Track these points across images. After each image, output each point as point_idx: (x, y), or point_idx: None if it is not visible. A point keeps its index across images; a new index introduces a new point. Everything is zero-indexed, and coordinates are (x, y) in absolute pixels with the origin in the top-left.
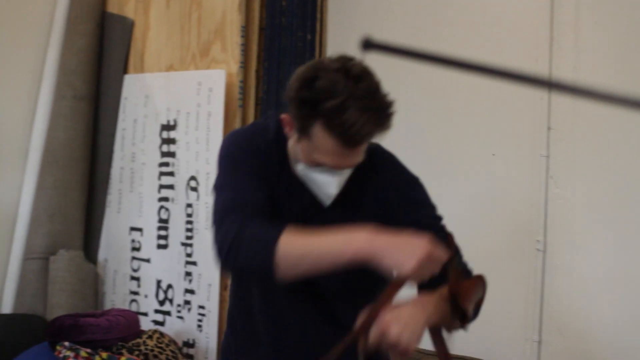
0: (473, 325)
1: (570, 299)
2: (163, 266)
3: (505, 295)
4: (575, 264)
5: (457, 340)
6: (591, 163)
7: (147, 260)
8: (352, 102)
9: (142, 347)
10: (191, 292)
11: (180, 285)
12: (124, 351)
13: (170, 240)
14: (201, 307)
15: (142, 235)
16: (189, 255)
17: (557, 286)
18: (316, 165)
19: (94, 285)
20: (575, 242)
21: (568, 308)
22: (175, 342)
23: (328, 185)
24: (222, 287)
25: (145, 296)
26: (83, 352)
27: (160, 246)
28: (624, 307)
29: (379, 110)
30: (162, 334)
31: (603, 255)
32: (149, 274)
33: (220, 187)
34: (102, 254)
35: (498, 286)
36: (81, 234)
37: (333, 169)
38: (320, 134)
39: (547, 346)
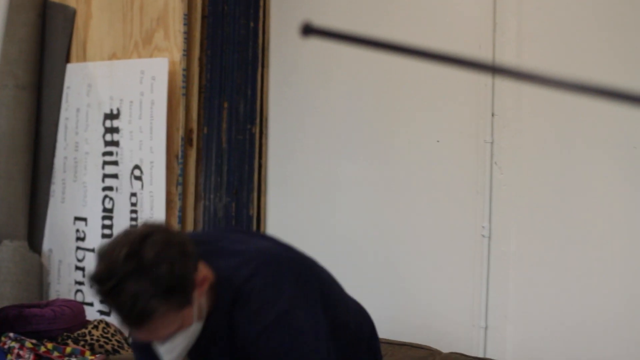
0: (420, 313)
1: (516, 284)
2: None
3: (451, 281)
4: (520, 249)
5: (404, 328)
6: (535, 149)
7: (92, 250)
8: (123, 287)
9: (88, 337)
10: None
11: None
12: (69, 341)
13: (115, 230)
14: None
15: (86, 225)
16: None
17: (502, 272)
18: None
19: (39, 275)
20: (520, 228)
21: (514, 294)
22: (121, 332)
23: (160, 355)
24: None
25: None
26: (28, 343)
27: (105, 235)
28: (569, 292)
29: (148, 294)
30: (107, 324)
31: (548, 240)
32: (94, 264)
33: None
34: (46, 244)
35: (444, 273)
36: (25, 224)
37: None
38: None
39: (494, 332)
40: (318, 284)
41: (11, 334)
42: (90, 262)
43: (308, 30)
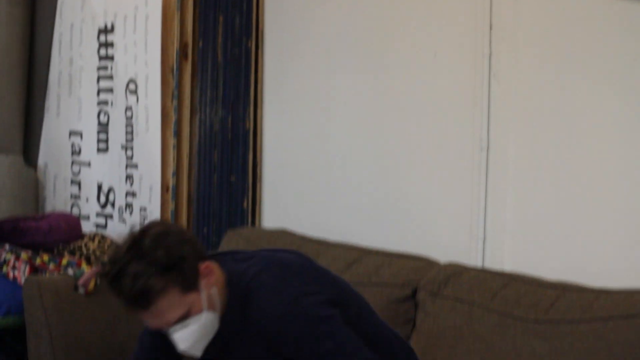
0: (418, 224)
1: (514, 196)
2: (103, 170)
3: (450, 193)
4: (518, 161)
5: (402, 239)
6: (534, 61)
7: (88, 164)
8: (125, 271)
9: (84, 249)
10: (132, 194)
11: (121, 188)
12: (65, 253)
13: (110, 144)
14: (143, 209)
15: (81, 139)
16: (129, 158)
17: (500, 183)
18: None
19: (35, 189)
20: (518, 140)
21: (512, 205)
22: (117, 244)
23: (175, 343)
24: (164, 189)
25: (87, 200)
26: (24, 255)
27: (100, 150)
28: (567, 203)
29: (147, 272)
30: (103, 237)
31: (546, 152)
32: (89, 178)
33: None
34: (42, 159)
35: (442, 185)
36: (20, 138)
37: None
38: None
39: (492, 243)
40: (335, 290)
41: (7, 246)
42: (86, 176)
43: None
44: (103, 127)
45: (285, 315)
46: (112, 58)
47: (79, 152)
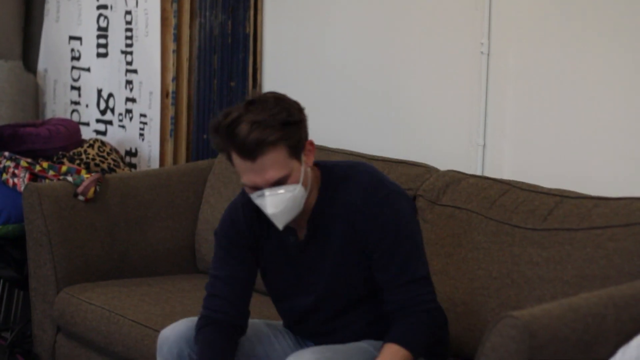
0: (417, 131)
1: (514, 102)
2: (103, 75)
3: (449, 99)
4: (519, 66)
5: (401, 145)
6: None
7: (87, 70)
8: (243, 119)
9: (84, 156)
10: (132, 100)
11: (121, 93)
12: (64, 160)
13: (110, 49)
14: (143, 115)
15: (81, 44)
16: (129, 63)
17: (501, 89)
18: (250, 189)
19: (34, 95)
20: (519, 45)
21: (512, 111)
22: (117, 151)
23: (264, 206)
24: (164, 94)
25: (87, 106)
26: (23, 162)
27: (100, 55)
28: (568, 109)
29: (265, 123)
30: (103, 143)
31: (547, 58)
32: (89, 83)
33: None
34: (41, 64)
35: (442, 91)
36: (20, 44)
37: (259, 188)
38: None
39: (492, 150)
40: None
41: (6, 153)
42: (86, 82)
43: None
44: (103, 32)
45: (379, 199)
46: None
47: (79, 58)
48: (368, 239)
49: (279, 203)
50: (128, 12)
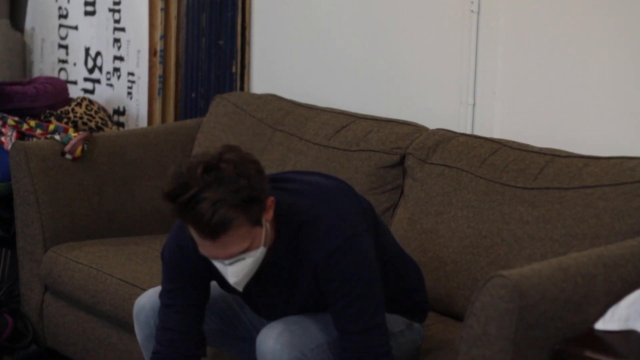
0: (407, 90)
1: (504, 60)
2: (91, 33)
3: (439, 58)
4: (509, 25)
5: (390, 104)
6: None
7: (75, 28)
8: (203, 196)
9: (71, 115)
10: (120, 59)
11: (109, 52)
12: (52, 119)
13: (98, 7)
14: (131, 74)
15: (69, 2)
16: (117, 21)
17: (491, 48)
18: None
19: (22, 54)
20: (510, 3)
21: (502, 70)
22: (104, 110)
23: (225, 274)
24: (152, 52)
25: (74, 64)
26: (11, 121)
27: (87, 13)
28: (558, 68)
29: (228, 202)
30: (91, 101)
31: (538, 15)
32: (77, 42)
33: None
34: (29, 22)
35: (431, 50)
36: (7, 2)
37: (220, 260)
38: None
39: (481, 109)
40: (371, 216)
41: None
42: (73, 40)
43: None
44: None
45: (338, 250)
46: None
47: (66, 16)
48: (325, 286)
49: (240, 271)
50: None
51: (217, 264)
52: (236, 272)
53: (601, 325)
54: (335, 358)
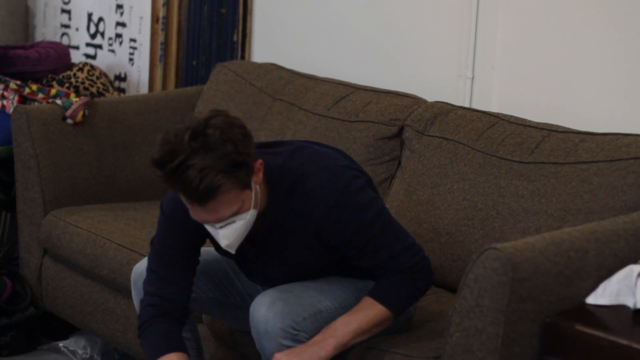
0: (406, 62)
1: (504, 34)
2: None
3: (439, 31)
4: (509, 1)
5: (390, 76)
6: None
7: None
8: (190, 163)
9: (73, 80)
10: (122, 25)
11: (111, 18)
12: (54, 83)
13: None
14: (133, 40)
15: None
16: None
17: (491, 21)
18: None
19: (25, 18)
20: None
21: (502, 44)
22: (106, 75)
23: (216, 237)
24: (154, 19)
25: (77, 29)
26: (13, 84)
27: None
28: (559, 42)
29: (215, 168)
30: (92, 67)
31: None
32: (79, 7)
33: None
34: None
35: (432, 22)
36: None
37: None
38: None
39: (480, 82)
40: (370, 183)
41: None
42: (76, 5)
43: None
44: None
45: (336, 205)
46: None
47: None
48: (333, 241)
49: (231, 234)
50: None
51: (209, 228)
52: (227, 234)
53: (592, 299)
54: None
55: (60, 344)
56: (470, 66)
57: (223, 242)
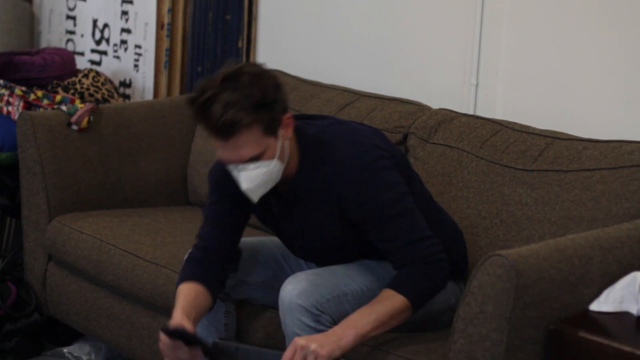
0: (411, 69)
1: (508, 41)
2: (99, 5)
3: (444, 38)
4: (513, 8)
5: (394, 83)
6: None
7: None
8: (217, 98)
9: (78, 86)
10: (127, 31)
11: (116, 24)
12: (59, 89)
13: None
14: (138, 46)
15: None
16: None
17: (495, 29)
18: (225, 162)
19: (30, 24)
20: None
21: (506, 51)
22: (111, 82)
23: (238, 181)
24: (159, 26)
25: (82, 35)
26: (18, 90)
27: None
28: (562, 50)
29: (239, 104)
30: (98, 73)
31: (542, 0)
32: (85, 13)
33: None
34: None
35: (437, 30)
36: None
37: (234, 164)
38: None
39: (485, 89)
40: (401, 158)
41: (1, 81)
42: (81, 11)
43: None
44: None
45: (358, 180)
46: None
47: None
48: (355, 215)
49: (253, 178)
50: None
51: (233, 172)
52: (248, 178)
53: (596, 306)
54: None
55: (65, 350)
56: (475, 73)
57: (243, 185)
